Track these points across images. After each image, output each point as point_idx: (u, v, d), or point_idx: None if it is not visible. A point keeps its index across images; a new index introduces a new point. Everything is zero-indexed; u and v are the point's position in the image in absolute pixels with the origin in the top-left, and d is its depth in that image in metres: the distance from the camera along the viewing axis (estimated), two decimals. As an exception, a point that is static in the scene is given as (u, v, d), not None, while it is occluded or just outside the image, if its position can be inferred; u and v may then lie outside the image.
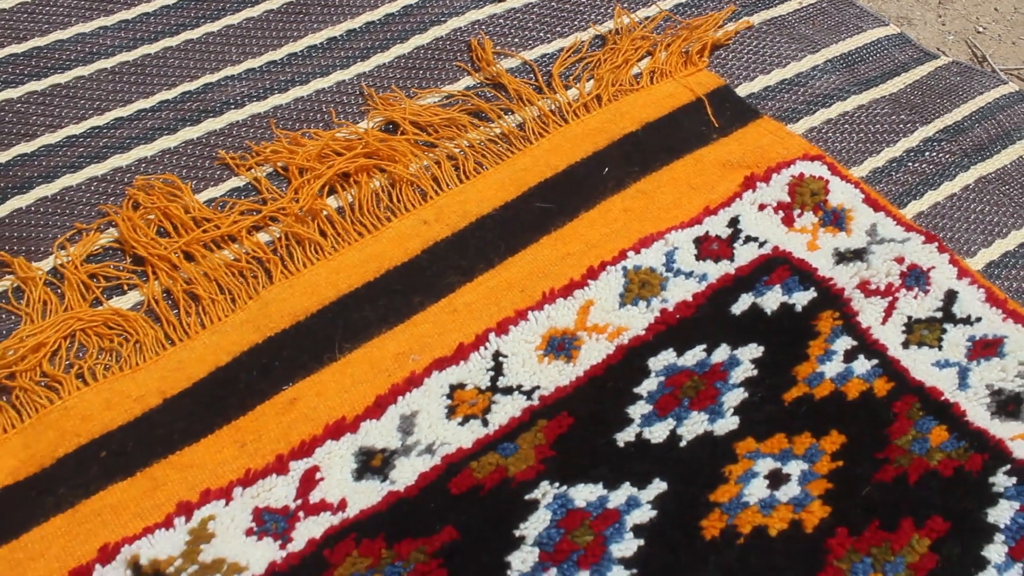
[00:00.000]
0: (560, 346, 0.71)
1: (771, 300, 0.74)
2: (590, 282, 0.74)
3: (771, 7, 0.99)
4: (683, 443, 0.67)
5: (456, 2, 0.97)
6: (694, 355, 0.71)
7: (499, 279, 0.75)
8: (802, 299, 0.74)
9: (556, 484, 0.64)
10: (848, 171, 0.83)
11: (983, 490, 0.65)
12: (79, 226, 0.78)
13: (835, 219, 0.79)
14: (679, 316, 0.73)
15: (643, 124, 0.86)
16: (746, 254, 0.77)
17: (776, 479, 0.65)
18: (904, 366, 0.71)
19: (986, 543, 0.63)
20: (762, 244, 0.77)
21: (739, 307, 0.74)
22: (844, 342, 0.72)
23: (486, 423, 0.67)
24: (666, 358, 0.71)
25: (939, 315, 0.74)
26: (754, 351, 0.71)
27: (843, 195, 0.81)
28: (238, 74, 0.90)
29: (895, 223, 0.79)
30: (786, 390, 0.69)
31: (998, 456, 0.67)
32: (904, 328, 0.73)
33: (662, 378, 0.70)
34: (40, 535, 0.61)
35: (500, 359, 0.70)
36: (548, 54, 0.93)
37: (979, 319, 0.74)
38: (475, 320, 0.72)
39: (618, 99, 0.89)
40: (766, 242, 0.77)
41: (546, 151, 0.84)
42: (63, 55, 0.90)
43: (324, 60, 0.92)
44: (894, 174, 0.85)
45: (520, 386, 0.69)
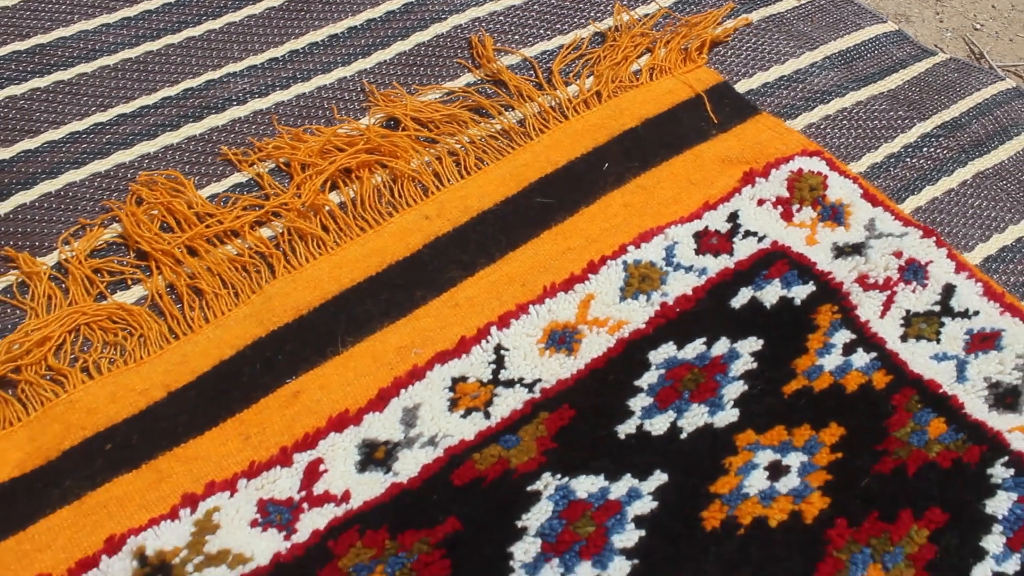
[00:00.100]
0: (561, 339, 0.71)
1: (770, 294, 0.75)
2: (590, 276, 0.75)
3: (770, 4, 1.00)
4: (683, 435, 0.67)
5: (457, -1, 0.97)
6: (694, 348, 0.71)
7: (500, 273, 0.76)
8: (801, 293, 0.75)
9: (558, 475, 0.65)
10: (846, 167, 0.84)
11: (981, 481, 0.66)
12: (83, 221, 0.78)
13: (834, 214, 0.80)
14: (679, 310, 0.73)
15: (643, 120, 0.87)
16: (745, 248, 0.77)
17: (776, 471, 0.66)
18: (903, 359, 0.72)
19: (984, 534, 0.64)
20: (761, 239, 0.78)
21: (738, 301, 0.74)
22: (843, 335, 0.72)
23: (488, 415, 0.67)
24: (666, 351, 0.71)
25: (937, 309, 0.75)
26: (753, 344, 0.72)
27: (841, 190, 0.81)
28: (240, 71, 0.90)
29: (893, 218, 0.80)
30: (785, 383, 0.70)
31: (996, 448, 0.67)
32: (902, 321, 0.74)
33: (662, 371, 0.70)
34: (47, 527, 0.62)
35: (502, 352, 0.70)
36: (548, 51, 0.94)
37: (977, 313, 0.74)
38: (477, 314, 0.73)
39: (618, 95, 0.89)
40: (765, 237, 0.78)
41: (546, 147, 0.84)
42: (66, 52, 0.91)
43: (326, 57, 0.92)
44: (892, 170, 0.86)
45: (522, 379, 0.69)
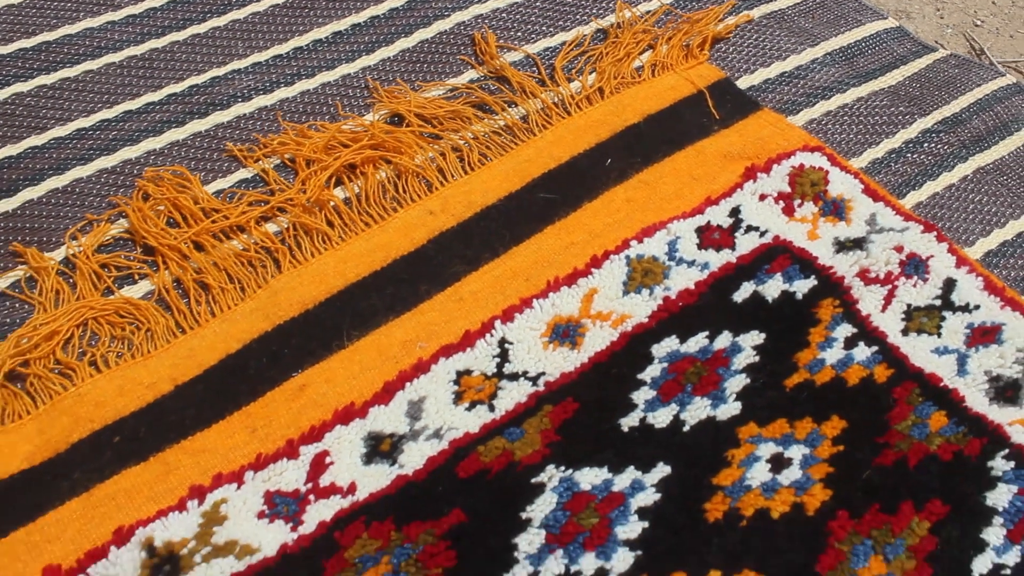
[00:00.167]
0: (565, 333, 0.72)
1: (772, 288, 0.75)
2: (594, 271, 0.75)
3: (771, 1, 1.00)
4: (686, 428, 0.68)
5: (460, -4, 0.98)
6: (696, 342, 0.72)
7: (504, 268, 0.76)
8: (803, 287, 0.75)
9: (562, 468, 0.65)
10: (848, 162, 0.84)
11: (982, 474, 0.66)
12: (90, 217, 0.79)
13: (835, 209, 0.80)
14: (681, 304, 0.74)
15: (645, 116, 0.87)
16: (747, 243, 0.78)
17: (778, 463, 0.66)
18: (904, 353, 0.72)
19: (985, 526, 0.64)
20: (763, 233, 0.78)
21: (741, 295, 0.75)
22: (844, 329, 0.73)
23: (492, 408, 0.68)
24: (669, 345, 0.72)
25: (938, 303, 0.75)
26: (756, 338, 0.72)
27: (843, 185, 0.82)
28: (245, 68, 0.91)
29: (894, 213, 0.80)
30: (787, 376, 0.70)
31: (996, 441, 0.68)
32: (903, 316, 0.74)
33: (665, 364, 0.71)
34: (56, 518, 0.62)
35: (506, 346, 0.71)
36: (551, 47, 0.94)
37: (977, 307, 0.75)
38: (481, 308, 0.73)
39: (620, 92, 0.90)
40: (767, 231, 0.78)
41: (549, 143, 0.85)
42: (72, 49, 0.91)
43: (330, 54, 0.93)
44: (893, 165, 0.86)
45: (526, 372, 0.70)
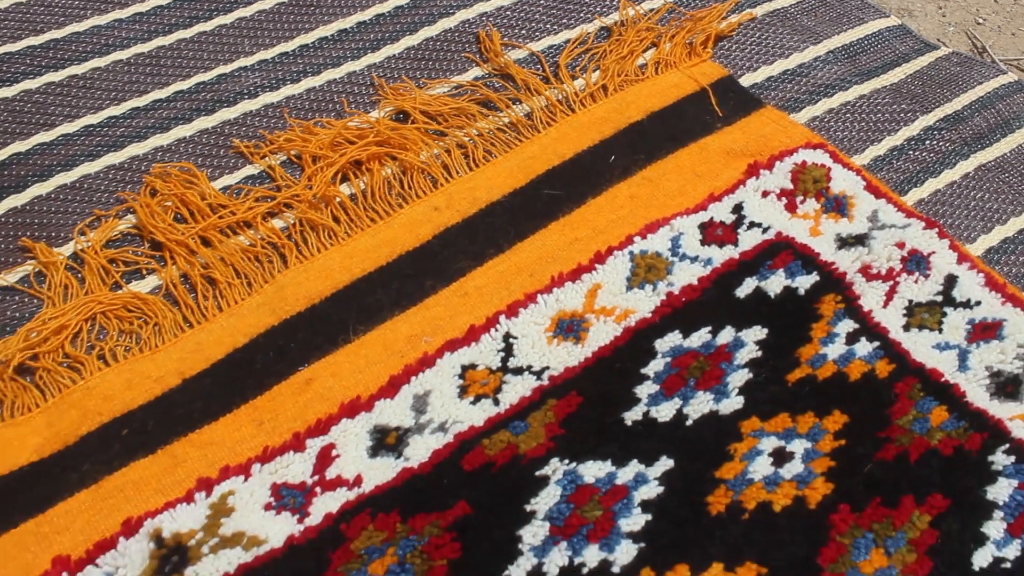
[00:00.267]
0: (569, 328, 0.73)
1: (774, 284, 0.75)
2: (597, 266, 0.76)
3: (774, -1, 1.01)
4: (689, 422, 0.68)
5: (464, -6, 0.98)
6: (699, 337, 0.72)
7: (509, 263, 0.77)
8: (805, 283, 0.76)
9: (566, 461, 0.66)
10: (850, 159, 0.85)
11: (982, 468, 0.67)
12: (98, 212, 0.79)
13: (837, 205, 0.81)
14: (685, 299, 0.74)
15: (648, 113, 0.88)
16: (750, 239, 0.78)
17: (780, 457, 0.67)
18: (905, 348, 0.72)
19: (985, 520, 0.65)
20: (765, 230, 0.79)
21: (743, 291, 0.75)
22: (846, 325, 0.73)
23: (497, 402, 0.69)
24: (672, 340, 0.72)
25: (939, 299, 0.76)
26: (758, 333, 0.73)
27: (845, 182, 0.82)
28: (251, 65, 0.92)
29: (896, 209, 0.81)
30: (789, 371, 0.71)
31: (997, 435, 0.68)
32: (905, 311, 0.75)
33: (668, 359, 0.71)
34: (65, 510, 0.63)
35: (510, 340, 0.72)
36: (555, 45, 0.95)
37: (979, 303, 0.75)
38: (486, 303, 0.74)
39: (624, 89, 0.90)
40: (769, 228, 0.79)
41: (554, 140, 0.86)
42: (80, 47, 0.92)
43: (335, 51, 0.93)
44: (895, 162, 0.87)
45: (530, 367, 0.70)
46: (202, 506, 0.63)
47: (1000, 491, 0.66)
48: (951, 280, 0.76)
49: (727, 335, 0.72)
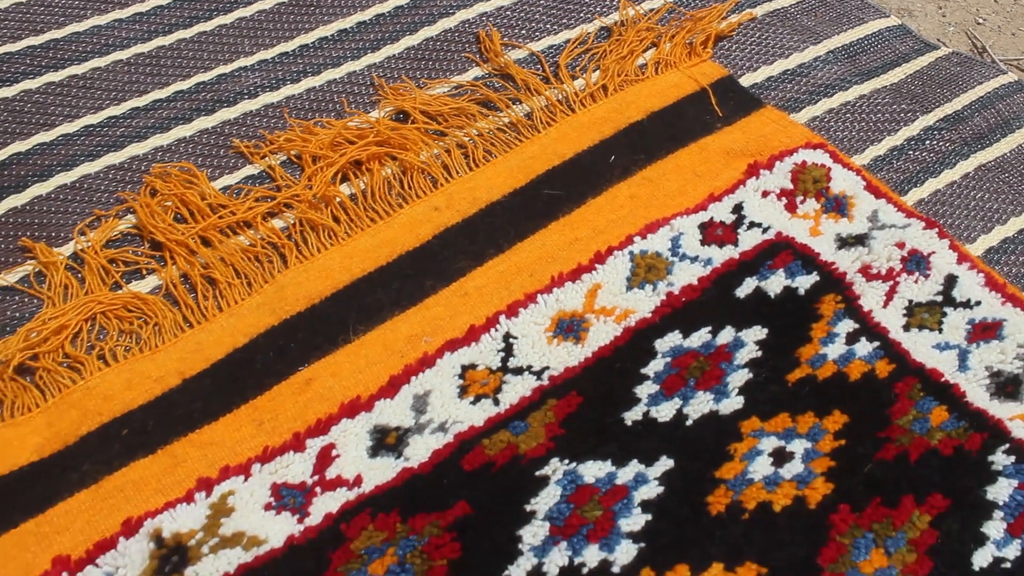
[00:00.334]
0: (569, 328, 0.73)
1: (774, 284, 0.76)
2: (597, 266, 0.76)
3: (774, -1, 1.01)
4: (689, 422, 0.68)
5: (464, -6, 0.98)
6: (699, 337, 0.72)
7: (509, 263, 0.77)
8: (805, 283, 0.76)
9: (566, 461, 0.66)
10: (850, 159, 0.85)
11: (982, 468, 0.67)
12: (98, 212, 0.79)
13: (837, 205, 0.81)
14: (685, 299, 0.74)
15: (648, 113, 0.88)
16: (750, 239, 0.78)
17: (780, 457, 0.67)
18: (905, 348, 0.73)
19: (985, 519, 0.65)
20: (765, 230, 0.79)
21: (743, 291, 0.75)
22: (846, 325, 0.73)
23: (497, 402, 0.69)
24: (672, 340, 0.72)
25: (939, 299, 0.76)
26: (758, 333, 0.73)
27: (845, 182, 0.82)
28: (251, 65, 0.92)
29: (896, 209, 0.81)
30: (789, 371, 0.71)
31: (997, 435, 0.68)
32: (905, 311, 0.75)
33: (668, 359, 0.71)
34: (65, 510, 0.63)
35: (510, 340, 0.72)
36: (555, 45, 0.95)
37: (978, 303, 0.75)
38: (486, 303, 0.74)
39: (624, 89, 0.90)
40: (769, 228, 0.79)
41: (554, 140, 0.86)
42: (80, 47, 0.92)
43: (335, 51, 0.93)
44: (895, 162, 0.87)
45: (530, 367, 0.70)
46: (202, 506, 0.63)
47: (1000, 491, 0.66)
48: (951, 280, 0.76)
49: (727, 335, 0.73)
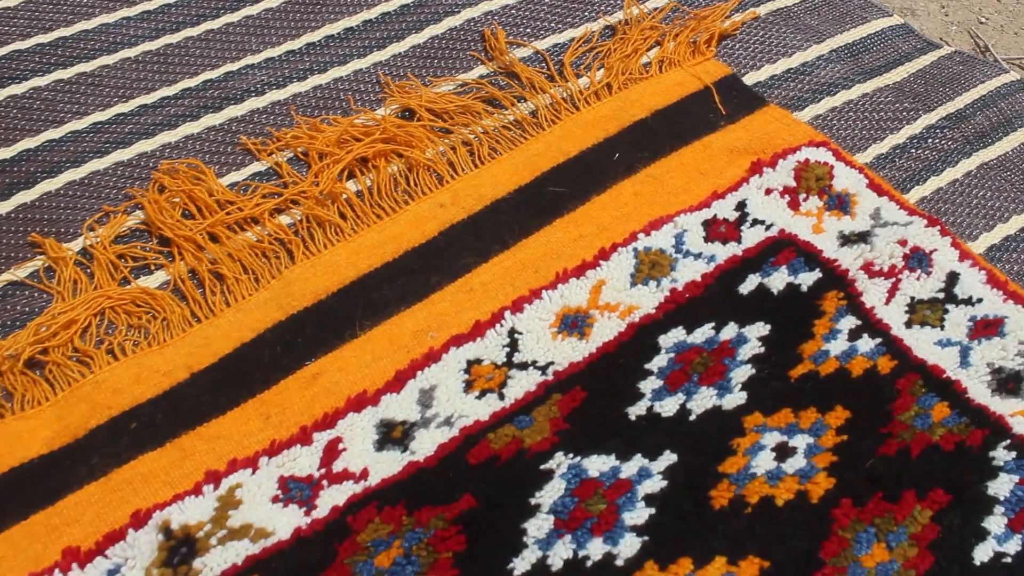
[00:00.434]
0: (573, 324, 0.73)
1: (777, 280, 0.76)
2: (602, 263, 0.76)
3: (778, -2, 1.01)
4: (692, 417, 0.69)
5: (469, -7, 0.99)
6: (703, 333, 0.73)
7: (514, 260, 0.77)
8: (807, 280, 0.76)
9: (570, 455, 0.66)
10: (852, 157, 0.85)
11: (983, 464, 0.67)
12: (107, 208, 0.80)
13: (840, 203, 0.81)
14: (688, 295, 0.75)
15: (652, 111, 0.88)
16: (753, 236, 0.79)
17: (783, 452, 0.67)
18: (907, 345, 0.73)
19: (986, 515, 0.65)
20: (769, 227, 0.79)
21: (746, 287, 0.76)
22: (848, 321, 0.74)
23: (502, 397, 0.69)
24: (676, 335, 0.73)
25: (941, 296, 0.76)
26: (761, 329, 0.73)
27: (847, 180, 0.83)
28: (258, 63, 0.92)
29: (898, 207, 0.81)
30: (792, 367, 0.71)
31: (998, 431, 0.69)
32: (907, 308, 0.75)
33: (672, 354, 0.72)
34: (75, 502, 0.64)
35: (515, 336, 0.72)
36: (559, 43, 0.95)
37: (980, 300, 0.76)
38: (491, 299, 0.75)
39: (628, 87, 0.91)
40: (772, 225, 0.79)
41: (558, 137, 0.86)
42: (88, 45, 0.93)
43: (342, 49, 0.94)
44: (897, 160, 0.87)
45: (535, 362, 0.71)
46: (210, 498, 0.63)
47: (1001, 486, 0.66)
48: (953, 277, 0.77)
49: (730, 331, 0.73)
